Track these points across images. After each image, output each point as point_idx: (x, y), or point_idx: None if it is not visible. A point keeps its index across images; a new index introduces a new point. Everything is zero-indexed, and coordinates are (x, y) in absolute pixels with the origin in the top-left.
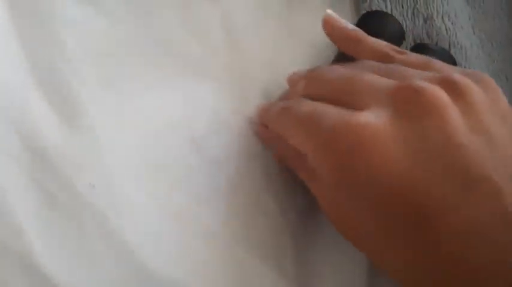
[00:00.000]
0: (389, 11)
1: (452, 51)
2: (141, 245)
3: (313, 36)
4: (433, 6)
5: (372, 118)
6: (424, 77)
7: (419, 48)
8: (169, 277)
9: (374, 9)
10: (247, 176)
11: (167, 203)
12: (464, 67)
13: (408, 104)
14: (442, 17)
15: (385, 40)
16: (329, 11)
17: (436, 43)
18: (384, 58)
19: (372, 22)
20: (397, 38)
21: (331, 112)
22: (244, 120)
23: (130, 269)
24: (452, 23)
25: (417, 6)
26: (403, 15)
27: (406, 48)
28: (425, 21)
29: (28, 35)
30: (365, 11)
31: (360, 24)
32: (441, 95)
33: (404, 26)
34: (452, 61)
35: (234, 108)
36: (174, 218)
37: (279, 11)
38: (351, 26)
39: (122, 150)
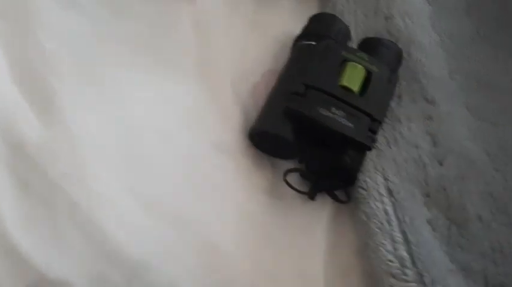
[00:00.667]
0: (352, 11)
1: (412, 48)
2: (113, 230)
3: (278, 33)
4: (393, 6)
5: None
6: None
7: (368, 41)
8: (140, 260)
9: (338, 9)
10: (216, 166)
11: (139, 192)
12: (424, 64)
13: None
14: (403, 16)
15: (333, 39)
16: None
17: (397, 40)
18: None
19: (320, 23)
20: (343, 35)
21: None
22: (215, 114)
23: (102, 253)
24: (412, 22)
25: (379, 5)
26: (365, 15)
27: (353, 43)
28: (386, 19)
29: (7, 35)
30: (312, 15)
31: (309, 26)
32: None
33: (366, 25)
34: (399, 53)
35: (205, 102)
36: (146, 206)
37: (247, 10)
38: None
39: (96, 142)
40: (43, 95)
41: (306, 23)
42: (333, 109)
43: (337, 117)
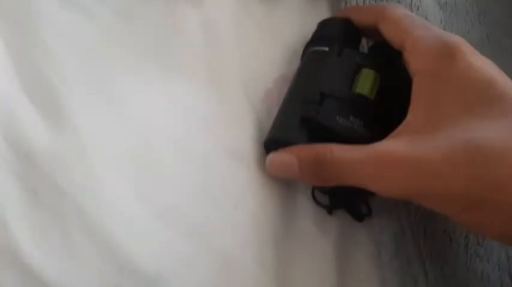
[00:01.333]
0: None
1: None
2: (126, 241)
3: (289, 36)
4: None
5: None
6: None
7: (379, 46)
8: (154, 272)
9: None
10: (230, 174)
11: (152, 201)
12: None
13: None
14: None
15: (344, 44)
16: None
17: None
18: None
19: (331, 28)
20: (354, 40)
21: None
22: (228, 120)
23: (115, 264)
24: None
25: None
26: None
27: (364, 48)
28: None
29: (15, 41)
30: (323, 20)
31: (320, 31)
32: None
33: None
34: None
35: (216, 107)
36: (159, 216)
37: (258, 12)
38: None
39: (106, 150)
40: (52, 102)
41: (317, 27)
42: (351, 118)
43: (356, 126)
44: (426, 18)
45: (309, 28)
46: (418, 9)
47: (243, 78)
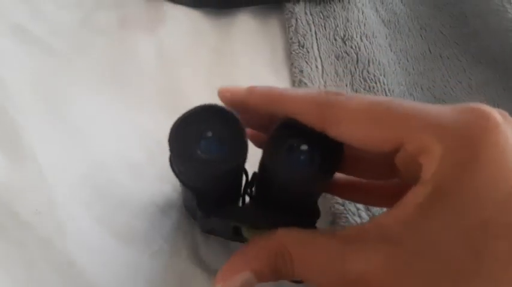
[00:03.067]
0: (313, 33)
1: (371, 68)
2: (88, 264)
3: (242, 62)
4: (351, 28)
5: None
6: None
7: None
8: None
9: (301, 32)
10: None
11: (111, 224)
12: (383, 82)
13: None
14: (361, 37)
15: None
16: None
17: (357, 61)
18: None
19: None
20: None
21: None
22: None
23: None
24: (370, 43)
25: (337, 28)
26: (325, 37)
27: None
28: (344, 41)
29: None
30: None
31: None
32: None
33: (327, 47)
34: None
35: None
36: (119, 237)
37: (211, 39)
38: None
39: (65, 179)
40: (10, 133)
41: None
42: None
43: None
44: (372, 35)
45: (263, 51)
46: (364, 25)
47: (199, 102)
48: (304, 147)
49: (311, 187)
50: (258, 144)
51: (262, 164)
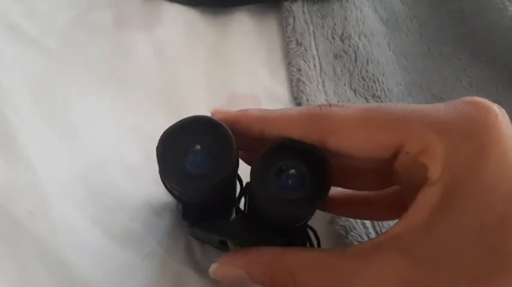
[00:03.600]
0: (311, 32)
1: (370, 67)
2: (82, 265)
3: (241, 57)
4: (350, 27)
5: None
6: None
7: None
8: None
9: (299, 31)
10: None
11: (106, 225)
12: (382, 81)
13: None
14: (359, 36)
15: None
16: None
17: (355, 60)
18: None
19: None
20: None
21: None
22: None
23: None
24: (368, 41)
25: (335, 27)
26: (324, 36)
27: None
28: (343, 40)
29: None
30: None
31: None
32: None
33: (325, 46)
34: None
35: None
36: (113, 238)
37: (208, 38)
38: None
39: (61, 178)
40: (4, 133)
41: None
42: None
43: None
44: (371, 34)
45: (261, 49)
46: (363, 24)
47: (196, 101)
48: (292, 170)
49: (299, 211)
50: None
51: (250, 186)
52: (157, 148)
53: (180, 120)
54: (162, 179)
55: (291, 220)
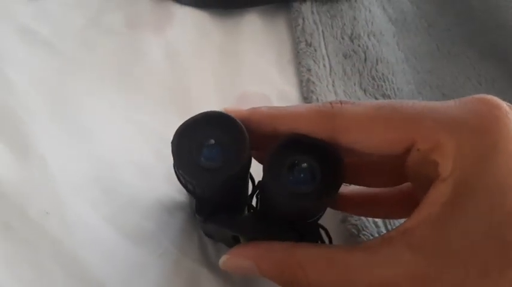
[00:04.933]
0: (320, 32)
1: (379, 66)
2: (96, 264)
3: (251, 58)
4: (359, 27)
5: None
6: None
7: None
8: None
9: (308, 31)
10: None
11: (119, 224)
12: (392, 81)
13: None
14: (368, 36)
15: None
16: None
17: (365, 59)
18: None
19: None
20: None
21: None
22: None
23: None
24: (378, 41)
25: (344, 27)
26: (333, 36)
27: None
28: (352, 40)
29: None
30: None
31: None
32: None
33: (334, 46)
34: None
35: None
36: (126, 237)
37: (218, 38)
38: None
39: (72, 176)
40: (18, 134)
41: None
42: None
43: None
44: (380, 34)
45: (270, 49)
46: (372, 24)
47: (207, 101)
48: (304, 164)
49: (311, 205)
50: (261, 161)
51: (262, 181)
52: (172, 141)
53: (196, 115)
54: (176, 173)
55: (303, 214)
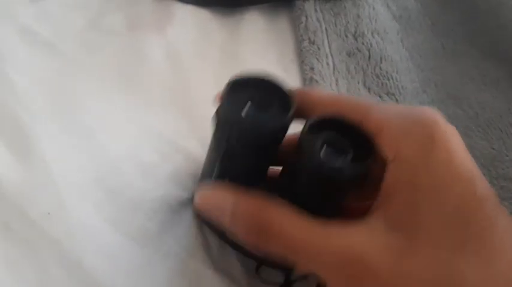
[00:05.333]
0: (324, 30)
1: (383, 64)
2: (98, 266)
3: (251, 61)
4: (363, 24)
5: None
6: None
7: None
8: None
9: (311, 29)
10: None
11: (122, 225)
12: (396, 79)
13: None
14: (372, 34)
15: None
16: None
17: (369, 57)
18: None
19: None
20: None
21: None
22: (195, 145)
23: None
24: (382, 39)
25: (348, 25)
26: (336, 34)
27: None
28: (356, 38)
29: None
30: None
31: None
32: None
33: (338, 43)
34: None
35: (182, 132)
36: (130, 238)
37: (219, 38)
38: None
39: (74, 178)
40: (19, 135)
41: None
42: None
43: None
44: (384, 31)
45: (272, 50)
46: (376, 21)
47: (207, 102)
48: (337, 142)
49: (343, 180)
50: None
51: (295, 160)
52: (221, 94)
53: (250, 74)
54: (214, 122)
55: (332, 193)
